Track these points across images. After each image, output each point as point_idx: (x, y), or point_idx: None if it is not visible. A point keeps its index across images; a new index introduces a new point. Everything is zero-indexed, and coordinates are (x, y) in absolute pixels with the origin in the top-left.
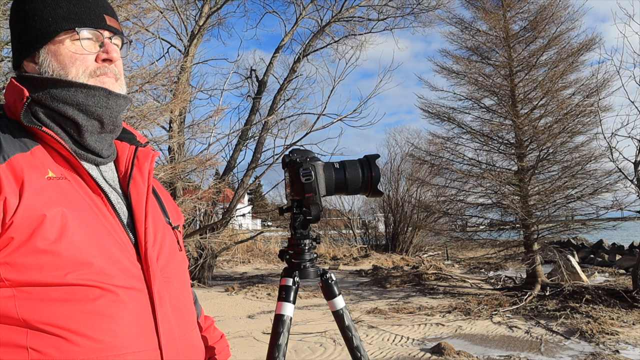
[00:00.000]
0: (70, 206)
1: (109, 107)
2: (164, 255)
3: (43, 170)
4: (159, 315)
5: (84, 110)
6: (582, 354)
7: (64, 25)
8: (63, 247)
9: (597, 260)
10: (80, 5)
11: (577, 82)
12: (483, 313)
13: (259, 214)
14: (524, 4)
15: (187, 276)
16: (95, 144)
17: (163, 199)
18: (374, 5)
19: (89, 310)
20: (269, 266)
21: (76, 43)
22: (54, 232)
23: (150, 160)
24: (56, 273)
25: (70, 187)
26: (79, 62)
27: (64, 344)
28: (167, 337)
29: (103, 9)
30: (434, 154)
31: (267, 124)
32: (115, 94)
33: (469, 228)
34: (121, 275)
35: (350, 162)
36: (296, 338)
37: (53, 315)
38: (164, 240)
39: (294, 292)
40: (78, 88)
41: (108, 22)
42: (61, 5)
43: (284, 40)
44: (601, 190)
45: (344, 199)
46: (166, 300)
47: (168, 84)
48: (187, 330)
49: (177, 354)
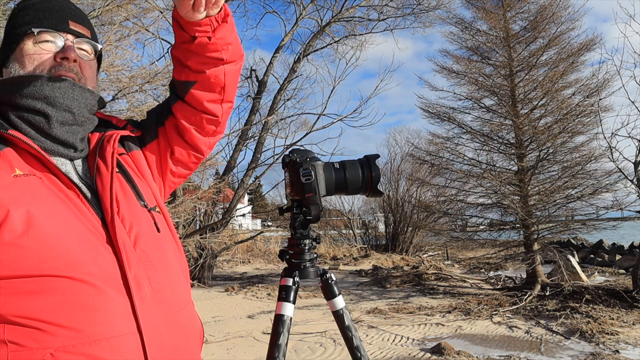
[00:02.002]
0: (37, 201)
1: (75, 98)
2: (142, 239)
3: (10, 169)
4: (136, 300)
5: (52, 102)
6: (582, 354)
7: (26, 29)
8: (29, 240)
9: (597, 260)
10: (45, 12)
11: (578, 82)
12: (483, 313)
13: (259, 214)
14: (524, 4)
15: (172, 256)
16: (67, 135)
17: (137, 181)
18: (374, 5)
19: (62, 301)
20: (269, 266)
21: (37, 45)
22: (19, 225)
23: (112, 142)
24: (24, 265)
25: (40, 183)
26: (37, 61)
27: (40, 335)
28: (147, 321)
29: (69, 14)
30: (434, 154)
31: (267, 124)
32: (79, 86)
33: (469, 228)
34: (93, 264)
35: (350, 162)
36: (296, 338)
37: (26, 307)
38: (140, 224)
39: (294, 292)
40: (44, 81)
41: (72, 26)
42: (28, 13)
43: (284, 40)
44: (601, 190)
45: (344, 199)
46: (145, 285)
47: (168, 84)
48: (174, 310)
49: (160, 336)
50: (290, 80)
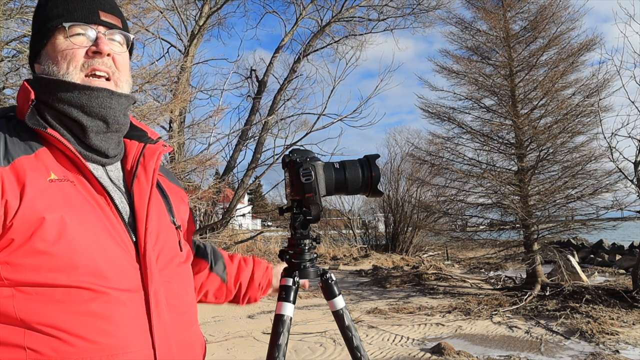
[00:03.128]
0: (70, 208)
1: (112, 107)
2: (164, 255)
3: (45, 172)
4: (154, 315)
5: (87, 111)
6: (582, 354)
7: (56, 23)
8: (60, 249)
9: (597, 260)
10: (75, 2)
11: (578, 82)
12: (483, 313)
13: (259, 214)
14: (524, 4)
15: (188, 275)
16: (101, 143)
17: (171, 197)
18: (374, 5)
19: (84, 312)
20: None
21: (68, 39)
22: (52, 234)
23: (156, 158)
24: (53, 274)
25: (73, 188)
26: (70, 57)
27: (59, 344)
28: (161, 336)
29: (99, 4)
30: (434, 154)
31: (267, 124)
32: (117, 94)
33: (469, 228)
34: (118, 277)
35: (350, 162)
36: (296, 338)
37: (49, 315)
38: (166, 240)
39: (294, 292)
40: (81, 90)
41: (103, 17)
42: (57, 4)
43: (284, 40)
44: (601, 190)
45: (344, 199)
46: (162, 300)
47: (168, 84)
48: (184, 328)
49: (171, 352)
50: (290, 80)
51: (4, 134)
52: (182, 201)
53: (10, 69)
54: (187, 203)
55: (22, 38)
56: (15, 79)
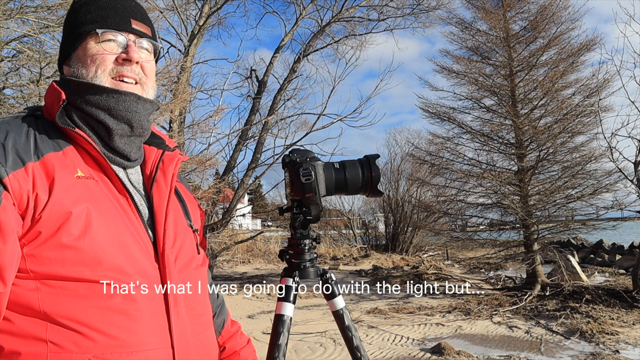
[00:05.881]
0: (95, 205)
1: (137, 112)
2: (182, 256)
3: (73, 169)
4: (173, 314)
5: (114, 114)
6: (582, 354)
7: (89, 29)
8: (86, 244)
9: (597, 260)
10: (108, 9)
11: (578, 82)
12: (483, 313)
13: (259, 214)
14: (524, 4)
15: (205, 278)
16: (125, 146)
17: (187, 202)
18: (374, 5)
19: (105, 307)
20: (269, 266)
21: (99, 45)
22: (78, 228)
23: (175, 164)
24: (78, 268)
25: (97, 186)
26: (99, 61)
27: (80, 339)
28: (179, 336)
29: (131, 12)
30: (434, 153)
31: (267, 124)
32: (143, 99)
33: (469, 228)
34: (138, 274)
35: (350, 162)
36: (296, 338)
37: (72, 309)
38: (184, 242)
39: (294, 292)
40: (110, 93)
41: (134, 25)
42: (91, 11)
43: (284, 40)
44: (601, 190)
45: (344, 199)
46: (181, 300)
47: (168, 84)
48: (201, 330)
49: (189, 352)
50: (290, 80)
51: (33, 131)
52: (197, 208)
53: (10, 69)
54: (201, 211)
55: (22, 38)
56: (15, 79)
